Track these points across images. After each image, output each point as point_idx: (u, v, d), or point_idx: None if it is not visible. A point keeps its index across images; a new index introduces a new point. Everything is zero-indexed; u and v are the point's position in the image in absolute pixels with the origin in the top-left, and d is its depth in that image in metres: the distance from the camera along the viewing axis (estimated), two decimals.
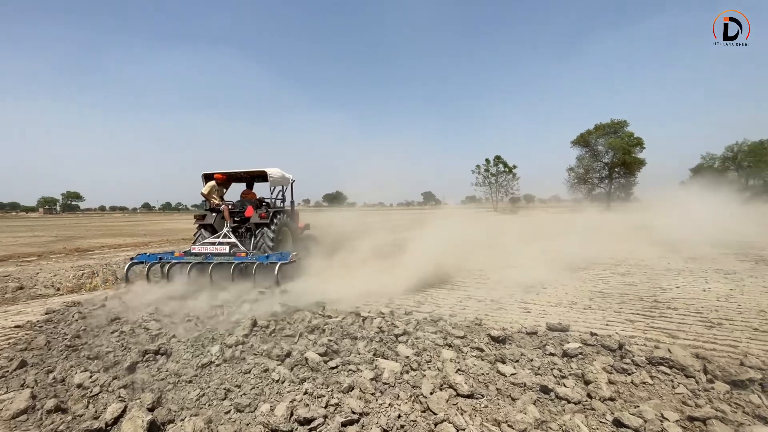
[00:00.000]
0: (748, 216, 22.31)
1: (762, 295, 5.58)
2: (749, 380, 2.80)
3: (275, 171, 8.44)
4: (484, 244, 12.34)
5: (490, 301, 5.65)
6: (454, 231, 12.93)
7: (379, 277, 7.56)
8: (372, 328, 4.23)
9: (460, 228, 13.90)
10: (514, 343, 3.80)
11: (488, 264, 8.89)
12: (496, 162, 69.04)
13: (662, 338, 3.98)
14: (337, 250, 9.55)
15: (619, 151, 55.69)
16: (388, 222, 16.48)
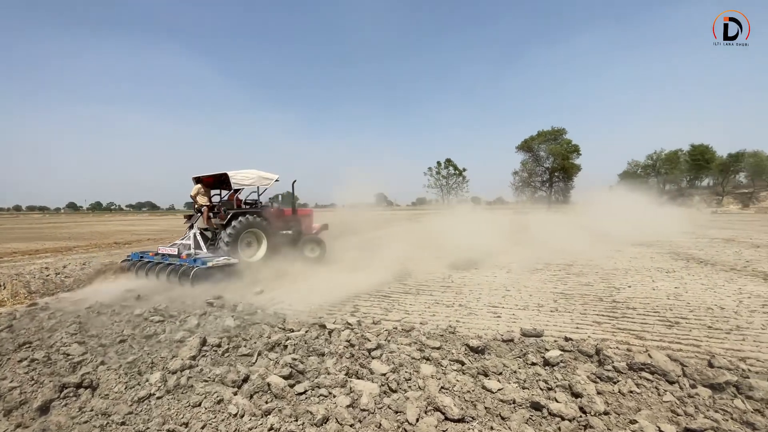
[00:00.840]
0: (667, 217, 24.80)
1: (704, 293, 5.97)
2: (726, 383, 2.82)
3: (246, 173, 8.40)
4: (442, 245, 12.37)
5: (459, 306, 5.49)
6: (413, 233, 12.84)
7: (343, 281, 7.18)
8: (340, 342, 3.84)
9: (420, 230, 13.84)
10: (493, 352, 3.62)
11: (446, 265, 8.85)
12: (447, 165, 70.98)
13: (631, 340, 4.01)
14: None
15: (558, 157, 59.68)
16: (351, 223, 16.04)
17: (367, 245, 12.34)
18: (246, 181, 8.41)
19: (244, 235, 8.14)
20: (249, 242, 8.42)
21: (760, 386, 2.71)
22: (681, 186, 64.78)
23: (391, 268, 8.47)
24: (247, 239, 8.33)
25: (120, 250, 13.28)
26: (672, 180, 65.99)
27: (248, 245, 8.40)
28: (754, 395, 2.66)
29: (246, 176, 8.41)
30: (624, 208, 27.03)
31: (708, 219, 31.37)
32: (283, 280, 7.44)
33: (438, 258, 9.97)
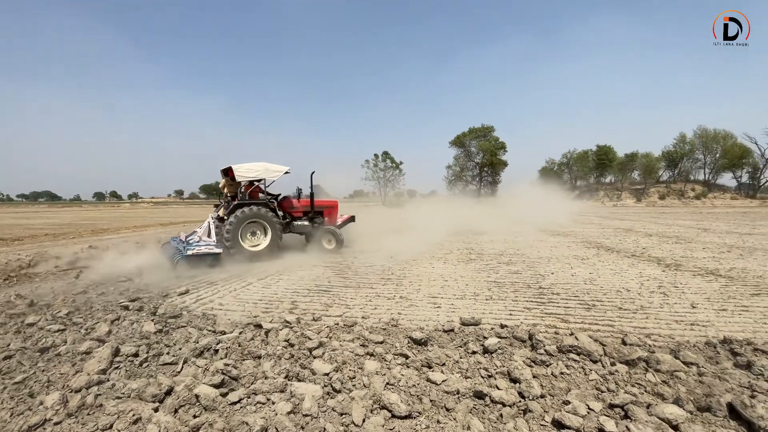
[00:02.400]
0: (579, 210, 27.75)
1: (613, 277, 6.70)
2: (638, 358, 3.14)
3: (252, 165, 8.62)
4: (383, 236, 12.43)
5: (400, 298, 5.50)
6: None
7: (282, 276, 6.84)
8: (278, 343, 3.61)
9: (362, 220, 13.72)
10: (435, 343, 3.66)
11: (387, 256, 8.90)
12: (384, 158, 71.64)
13: (558, 323, 4.33)
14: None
15: (487, 153, 63.31)
16: None
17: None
18: (250, 173, 8.60)
19: (248, 225, 8.58)
20: (254, 232, 8.78)
21: (664, 359, 3.06)
22: (589, 182, 72.69)
23: (331, 261, 8.29)
24: (251, 229, 8.73)
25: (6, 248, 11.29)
26: (582, 176, 73.81)
27: (253, 235, 8.78)
28: (661, 368, 2.99)
29: (251, 168, 8.62)
30: (542, 203, 29.79)
31: (610, 211, 35.68)
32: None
33: (378, 251, 9.99)
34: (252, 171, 8.63)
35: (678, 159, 61.16)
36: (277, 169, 8.97)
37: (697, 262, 8.00)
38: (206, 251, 7.79)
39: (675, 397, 2.56)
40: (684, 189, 57.74)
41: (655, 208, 43.65)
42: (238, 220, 8.32)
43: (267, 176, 8.90)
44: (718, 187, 58.80)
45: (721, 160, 57.11)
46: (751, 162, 55.24)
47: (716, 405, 2.43)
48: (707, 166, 59.94)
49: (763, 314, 4.57)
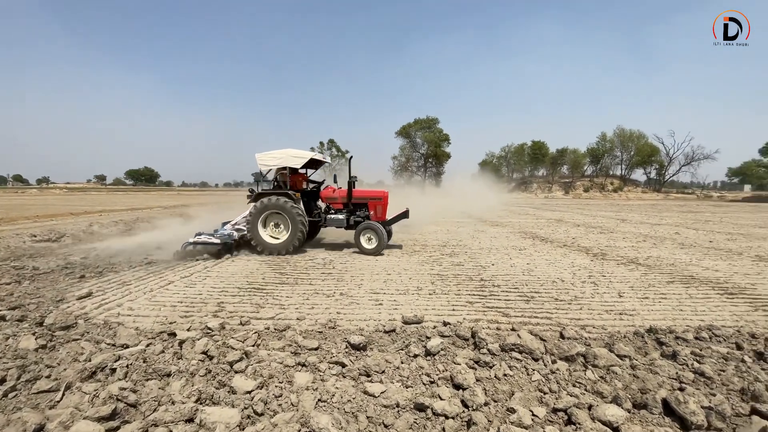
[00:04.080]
0: (515, 201, 29.32)
1: (548, 267, 6.93)
2: (577, 354, 3.13)
3: (274, 153, 8.25)
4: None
5: (340, 295, 5.16)
6: None
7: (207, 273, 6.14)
8: (194, 356, 3.10)
9: None
10: (375, 347, 3.38)
11: (329, 248, 8.50)
12: (329, 146, 70.16)
13: (499, 318, 4.27)
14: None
15: (432, 144, 64.61)
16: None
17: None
18: (272, 161, 8.22)
19: (269, 216, 8.21)
20: (277, 224, 8.35)
21: (601, 354, 3.07)
22: (524, 175, 77.48)
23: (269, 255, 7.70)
24: (274, 221, 8.32)
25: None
26: (518, 170, 78.46)
27: (276, 227, 8.36)
28: (598, 363, 2.98)
29: (272, 156, 8.22)
30: (482, 194, 31.03)
31: (542, 203, 38.21)
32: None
33: (319, 242, 9.52)
34: (275, 159, 8.22)
35: (600, 155, 67.27)
36: (299, 155, 8.31)
37: (619, 251, 8.61)
38: (205, 240, 7.64)
39: (614, 396, 2.52)
40: (604, 183, 63.74)
41: (580, 200, 47.65)
42: (257, 210, 8.02)
43: (290, 163, 8.29)
44: (631, 182, 65.75)
45: (635, 158, 63.81)
46: (657, 160, 62.38)
47: (652, 402, 2.42)
48: (624, 163, 66.68)
49: (678, 301, 4.91)
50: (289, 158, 8.26)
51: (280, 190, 8.37)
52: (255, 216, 8.08)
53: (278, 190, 8.44)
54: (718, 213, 22.98)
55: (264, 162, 8.25)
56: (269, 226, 8.33)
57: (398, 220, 8.98)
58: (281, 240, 8.20)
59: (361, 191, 9.01)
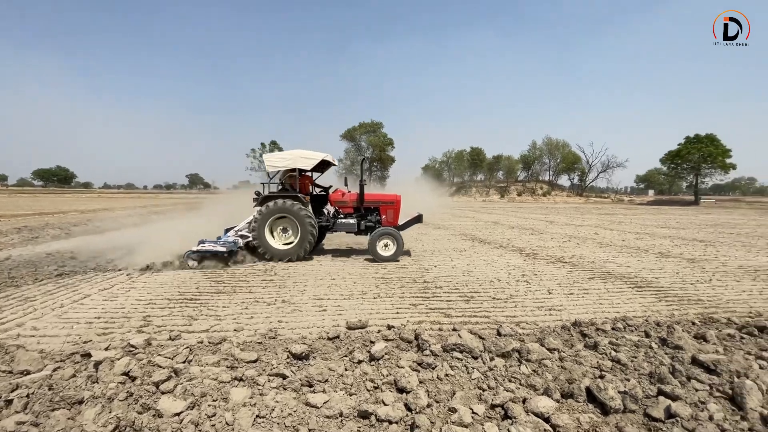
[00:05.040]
0: (456, 205, 30.62)
1: (486, 268, 7.29)
2: (512, 350, 3.30)
3: (283, 154, 7.96)
4: None
5: (282, 303, 4.97)
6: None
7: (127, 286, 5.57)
8: (113, 378, 2.78)
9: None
10: (318, 355, 3.29)
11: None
12: (272, 147, 67.91)
13: (441, 319, 4.39)
14: None
15: (376, 148, 65.25)
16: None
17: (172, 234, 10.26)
18: (280, 162, 7.88)
19: (277, 221, 7.87)
20: (285, 228, 7.99)
21: (533, 349, 3.27)
22: (464, 179, 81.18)
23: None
24: (282, 225, 7.96)
25: None
26: (458, 174, 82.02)
27: (284, 231, 8.00)
28: (531, 358, 3.17)
29: (282, 157, 7.89)
30: (425, 197, 31.95)
31: (481, 206, 40.30)
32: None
33: None
34: (284, 160, 7.85)
35: (531, 162, 72.67)
36: (310, 156, 7.92)
37: (548, 251, 9.32)
38: (210, 248, 7.17)
39: (545, 388, 2.69)
40: (535, 187, 68.87)
41: (514, 204, 51.02)
42: (264, 214, 7.65)
43: (300, 165, 7.90)
44: (558, 187, 71.78)
45: (561, 165, 69.87)
46: (579, 167, 68.88)
47: (578, 391, 2.62)
48: (551, 169, 72.66)
49: (598, 296, 5.42)
50: (300, 159, 7.88)
51: (289, 193, 8.01)
52: (262, 220, 7.67)
53: (287, 192, 8.06)
54: (629, 215, 25.91)
55: (272, 163, 7.85)
56: (276, 231, 7.95)
57: (411, 224, 8.74)
58: (290, 245, 7.81)
59: (374, 195, 8.69)
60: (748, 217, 24.60)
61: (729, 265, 7.74)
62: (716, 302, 5.14)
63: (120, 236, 10.92)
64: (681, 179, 59.12)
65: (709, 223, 19.03)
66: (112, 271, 6.70)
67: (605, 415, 2.46)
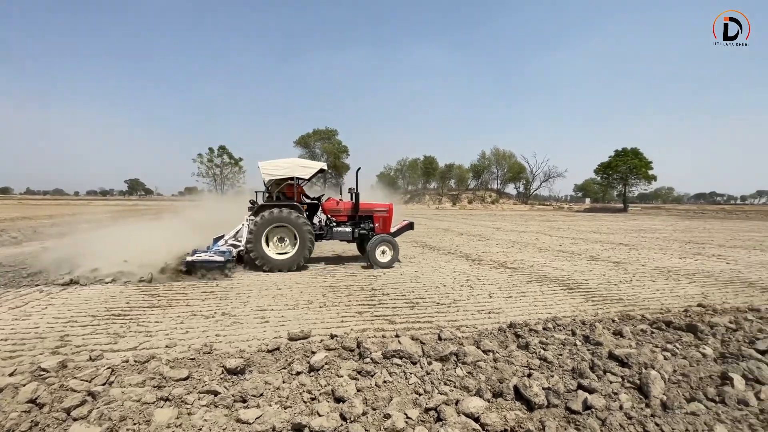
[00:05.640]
0: (409, 213, 31.15)
1: (433, 274, 7.48)
2: (450, 353, 3.41)
3: (280, 162, 7.82)
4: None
5: (222, 315, 4.75)
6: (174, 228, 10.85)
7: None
8: (15, 407, 2.49)
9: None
10: (255, 369, 3.18)
11: None
12: (221, 152, 65.20)
13: (385, 326, 4.44)
14: None
15: (331, 156, 64.90)
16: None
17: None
18: (278, 171, 7.77)
19: (274, 230, 7.68)
20: (282, 238, 7.82)
21: (470, 351, 3.40)
22: (418, 187, 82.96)
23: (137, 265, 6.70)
24: (278, 234, 7.78)
25: None
26: (412, 182, 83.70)
27: (281, 241, 7.83)
28: (467, 360, 3.30)
29: (278, 166, 7.78)
30: None
31: (433, 213, 41.32)
32: None
33: None
34: (281, 168, 7.76)
35: (480, 171, 75.98)
36: (310, 165, 8.07)
37: (492, 257, 9.76)
38: (206, 258, 6.82)
39: (477, 388, 2.81)
40: (484, 195, 71.99)
41: (465, 211, 52.91)
42: (261, 223, 7.44)
43: (298, 174, 7.90)
44: (505, 195, 75.60)
45: (507, 174, 73.76)
46: (524, 176, 73.15)
47: (506, 389, 2.76)
48: (499, 178, 76.46)
49: (534, 298, 5.76)
50: (298, 168, 7.91)
51: (287, 202, 7.88)
52: (258, 230, 7.43)
53: (284, 202, 7.93)
54: (567, 221, 27.88)
55: (268, 172, 7.72)
56: (273, 240, 7.75)
57: (403, 231, 9.02)
58: (288, 255, 7.66)
59: (368, 204, 8.77)
60: (667, 222, 27.46)
61: (647, 266, 8.57)
62: (634, 300, 5.67)
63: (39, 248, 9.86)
64: (612, 188, 64.69)
65: (634, 228, 20.98)
66: (27, 286, 6.03)
67: (530, 411, 2.61)
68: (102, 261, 7.03)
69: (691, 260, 9.49)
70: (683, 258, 9.85)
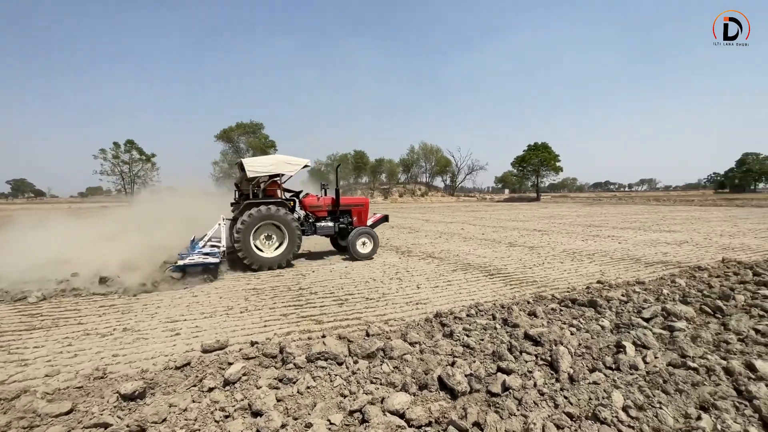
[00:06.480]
0: None
1: (364, 268, 7.43)
2: (377, 350, 3.35)
3: (265, 159, 7.79)
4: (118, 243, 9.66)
5: (123, 331, 4.16)
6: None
7: None
8: None
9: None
10: (159, 390, 2.80)
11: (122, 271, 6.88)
12: (129, 147, 58.43)
13: (312, 326, 4.25)
14: None
15: (257, 151, 61.72)
16: None
17: None
18: (263, 168, 7.62)
19: (262, 227, 7.56)
20: (269, 236, 7.73)
21: (396, 345, 3.37)
22: (349, 182, 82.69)
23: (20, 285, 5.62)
24: (266, 232, 7.68)
25: None
26: (343, 177, 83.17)
27: (268, 239, 7.73)
28: (393, 354, 3.26)
29: (263, 163, 7.68)
30: None
31: None
32: None
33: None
34: (266, 165, 7.64)
35: (410, 165, 78.10)
36: (294, 162, 7.93)
37: (421, 248, 10.01)
38: (199, 261, 6.54)
39: (403, 383, 2.78)
40: (414, 189, 74.21)
41: (396, 204, 54.04)
42: (249, 221, 7.31)
43: (283, 170, 7.87)
44: (434, 188, 78.72)
45: (435, 168, 76.83)
46: (450, 170, 76.84)
47: (431, 381, 2.77)
48: (427, 172, 79.32)
49: (459, 286, 5.99)
50: (283, 165, 7.82)
51: (274, 199, 7.83)
52: (247, 228, 7.26)
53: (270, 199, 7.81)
54: (489, 211, 29.86)
55: (253, 168, 7.46)
56: (259, 238, 7.60)
57: (379, 224, 9.51)
58: (277, 253, 7.60)
59: (347, 198, 9.14)
60: (572, 209, 30.79)
61: (557, 249, 9.46)
62: (546, 282, 6.18)
63: None
64: (527, 179, 70.84)
65: (545, 215, 23.16)
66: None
67: (454, 399, 2.64)
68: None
69: (591, 242, 10.69)
70: (585, 240, 11.06)
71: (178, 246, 7.88)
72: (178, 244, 8.02)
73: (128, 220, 12.66)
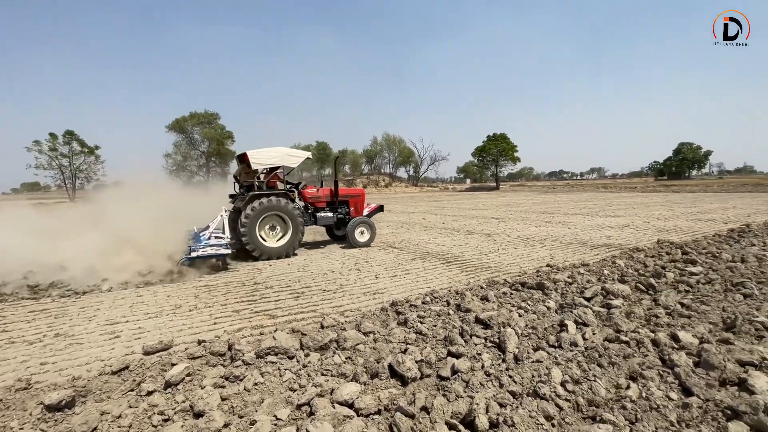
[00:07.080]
0: None
1: (323, 260, 7.33)
2: (330, 341, 3.31)
3: (269, 151, 7.89)
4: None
5: (54, 337, 3.84)
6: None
7: None
8: None
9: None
10: (91, 398, 2.60)
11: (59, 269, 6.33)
12: (68, 139, 53.79)
13: (265, 321, 4.14)
14: None
15: (213, 142, 59.08)
16: None
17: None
18: (267, 160, 7.83)
19: (266, 218, 7.67)
20: (273, 226, 7.85)
21: (350, 336, 3.35)
22: (312, 174, 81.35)
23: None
24: (270, 223, 7.80)
25: None
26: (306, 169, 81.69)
27: (272, 229, 7.85)
28: (346, 345, 3.24)
29: (267, 155, 7.84)
30: None
31: None
32: None
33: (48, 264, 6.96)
34: (270, 157, 7.88)
35: (373, 156, 77.96)
36: (297, 154, 8.34)
37: (381, 238, 10.04)
38: (212, 252, 6.59)
39: (354, 374, 2.77)
40: (378, 180, 74.29)
41: None
42: (254, 212, 7.46)
43: (286, 162, 8.14)
44: (398, 179, 79.19)
45: (398, 158, 77.22)
46: (413, 160, 77.55)
47: (382, 369, 2.78)
48: (391, 163, 79.56)
49: (417, 275, 6.06)
50: (286, 157, 8.10)
51: (278, 190, 8.04)
52: (252, 219, 7.42)
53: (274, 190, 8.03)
54: (451, 201, 30.50)
55: (257, 160, 7.71)
56: (264, 229, 7.74)
57: (374, 214, 9.88)
58: (281, 242, 7.80)
59: (345, 189, 9.43)
60: (528, 197, 32.14)
61: (511, 236, 9.82)
62: (499, 267, 6.40)
63: None
64: (486, 169, 72.94)
65: (503, 203, 24.00)
66: None
67: (404, 386, 2.66)
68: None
69: (543, 228, 11.21)
70: (538, 226, 11.58)
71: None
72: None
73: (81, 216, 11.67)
